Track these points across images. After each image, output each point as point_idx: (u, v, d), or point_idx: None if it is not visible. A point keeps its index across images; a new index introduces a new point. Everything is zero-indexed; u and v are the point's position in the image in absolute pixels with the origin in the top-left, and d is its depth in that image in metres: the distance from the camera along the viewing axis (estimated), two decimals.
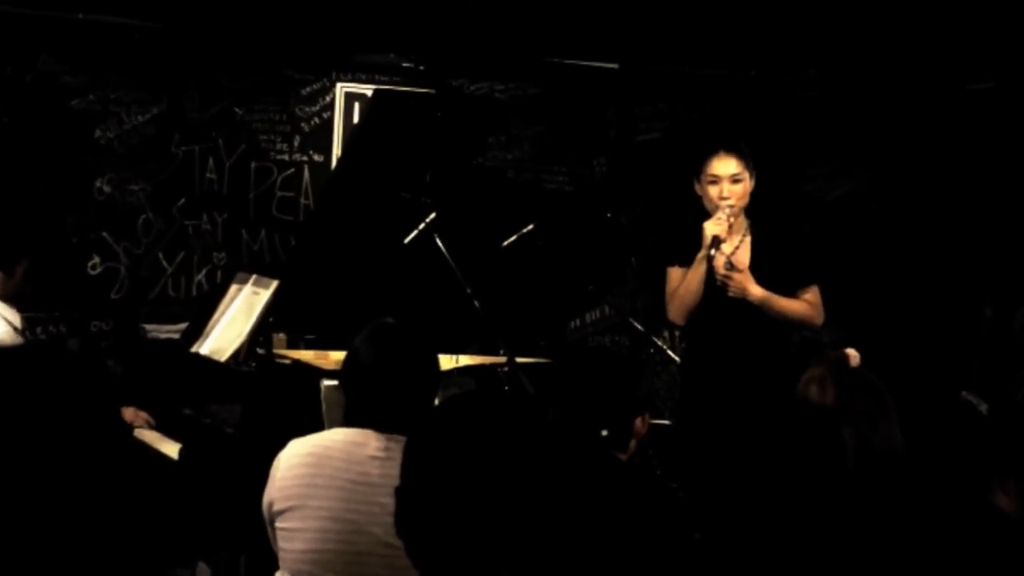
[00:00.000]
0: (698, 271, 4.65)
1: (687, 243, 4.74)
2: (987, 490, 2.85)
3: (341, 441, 3.02)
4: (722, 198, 4.66)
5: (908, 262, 7.27)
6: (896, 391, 3.20)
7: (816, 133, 7.34)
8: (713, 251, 4.60)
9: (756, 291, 4.65)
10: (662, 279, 4.91)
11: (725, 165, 4.68)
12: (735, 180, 4.67)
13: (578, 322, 7.25)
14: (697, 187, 4.78)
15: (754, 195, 4.76)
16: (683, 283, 4.70)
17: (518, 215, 5.54)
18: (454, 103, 6.21)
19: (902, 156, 7.33)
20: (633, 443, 3.20)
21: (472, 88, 7.14)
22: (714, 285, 4.67)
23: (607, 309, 7.18)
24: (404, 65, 6.98)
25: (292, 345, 5.33)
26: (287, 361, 4.99)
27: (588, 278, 6.57)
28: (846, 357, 3.21)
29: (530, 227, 5.43)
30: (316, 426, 4.08)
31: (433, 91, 6.78)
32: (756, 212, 4.80)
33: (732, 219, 4.64)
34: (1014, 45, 6.56)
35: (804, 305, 4.73)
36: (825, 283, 4.81)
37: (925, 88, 7.22)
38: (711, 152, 4.71)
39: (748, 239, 4.76)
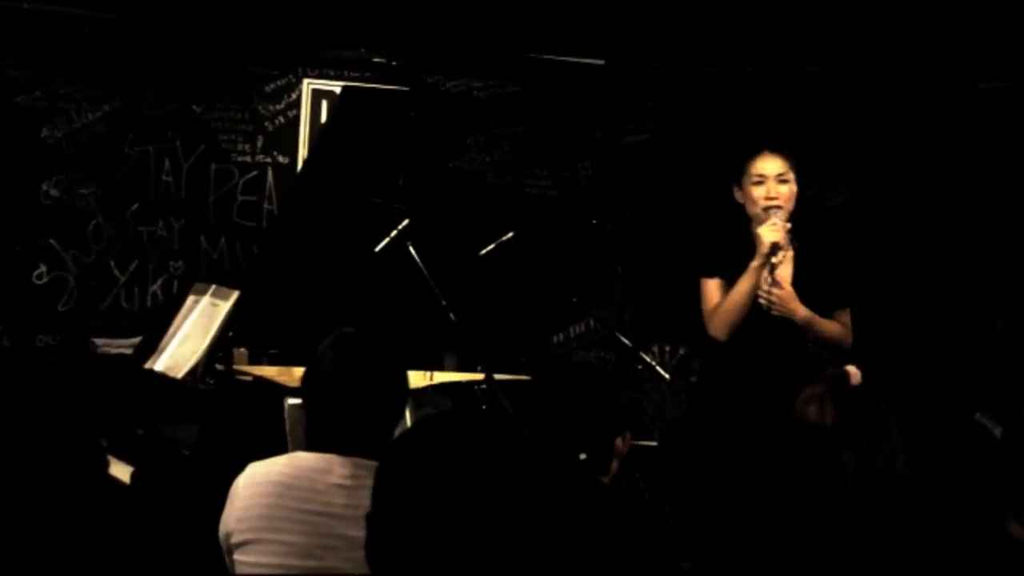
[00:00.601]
0: (750, 282, 4.60)
1: (726, 253, 4.73)
2: (1000, 518, 2.86)
3: (303, 468, 3.01)
4: (768, 198, 4.64)
5: (913, 273, 7.29)
6: (901, 411, 3.21)
7: (816, 135, 7.36)
8: (775, 259, 4.58)
9: (801, 311, 4.63)
10: (651, 290, 4.90)
11: (771, 164, 4.67)
12: (782, 180, 4.66)
13: (561, 336, 7.26)
14: (737, 193, 4.75)
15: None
16: (731, 295, 4.64)
17: (497, 221, 5.54)
18: (429, 101, 6.22)
19: (907, 159, 7.36)
20: (615, 464, 3.21)
21: (448, 85, 7.15)
22: (754, 301, 4.66)
23: (592, 323, 7.19)
24: (376, 60, 6.99)
25: (254, 361, 5.31)
26: (248, 378, 4.97)
27: (572, 289, 6.57)
28: (846, 375, 3.23)
29: (510, 234, 5.44)
30: (279, 447, 4.07)
31: (407, 88, 6.78)
32: (797, 225, 4.77)
33: (787, 224, 4.62)
34: None
35: (841, 328, 4.73)
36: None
37: (933, 87, 7.24)
38: (754, 152, 4.71)
39: (791, 253, 4.75)
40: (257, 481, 3.01)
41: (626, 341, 5.84)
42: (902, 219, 7.38)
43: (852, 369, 3.25)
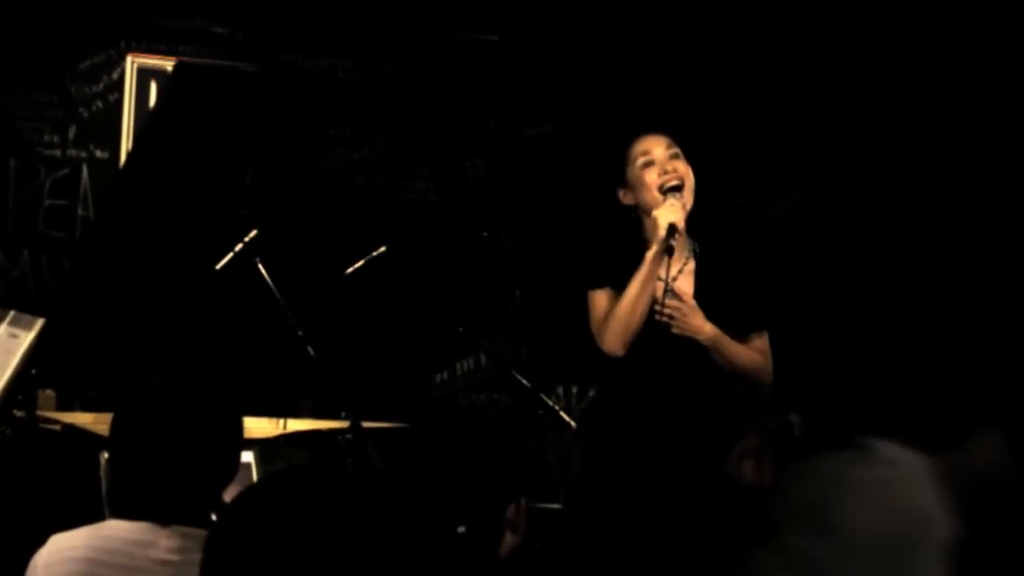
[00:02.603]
0: (646, 273, 4.63)
1: (615, 262, 4.77)
2: None
3: (119, 541, 2.99)
4: (664, 173, 4.70)
5: (872, 298, 7.38)
6: None
7: (754, 127, 7.43)
8: (673, 241, 4.62)
9: (707, 328, 4.67)
10: (554, 319, 4.92)
11: (655, 140, 4.76)
12: (674, 156, 4.75)
13: (446, 375, 7.27)
14: (623, 194, 4.82)
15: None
16: (625, 295, 4.66)
17: (367, 233, 5.55)
18: (283, 84, 6.21)
19: (864, 160, 7.45)
20: (510, 537, 3.22)
21: (307, 64, 7.14)
22: (650, 318, 4.69)
23: (483, 358, 7.21)
24: (217, 32, 6.96)
25: (64, 406, 5.27)
26: (56, 427, 4.94)
27: (458, 317, 6.58)
28: (790, 425, 3.26)
29: (382, 249, 5.45)
30: (94, 512, 4.04)
31: (255, 67, 6.77)
32: (698, 232, 4.83)
33: (687, 205, 4.68)
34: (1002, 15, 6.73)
35: (756, 355, 4.78)
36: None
37: (895, 69, 7.34)
38: (631, 138, 4.78)
39: (692, 265, 4.80)
40: (63, 558, 2.99)
41: (524, 381, 5.86)
42: (859, 233, 7.46)
43: (797, 419, 3.28)
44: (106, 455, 4.40)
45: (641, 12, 7.11)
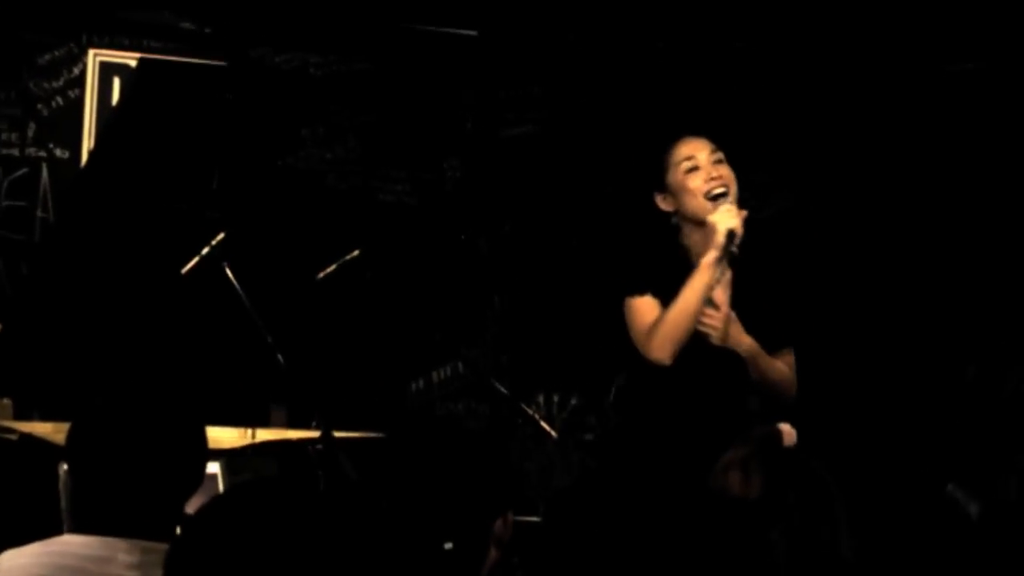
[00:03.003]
0: (703, 280, 4.63)
1: (654, 269, 4.77)
2: None
3: (76, 556, 2.98)
4: (711, 179, 4.70)
5: (866, 306, 7.38)
6: (847, 480, 3.25)
7: (743, 127, 7.42)
8: (735, 249, 4.62)
9: (747, 340, 4.69)
10: (535, 326, 4.91)
11: (698, 144, 4.75)
12: (718, 161, 4.75)
13: (422, 383, 7.26)
14: (661, 200, 4.81)
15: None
16: (679, 301, 4.63)
17: (340, 236, 5.54)
18: (252, 80, 6.20)
19: (858, 161, 7.45)
20: (494, 553, 3.21)
21: (278, 60, 7.13)
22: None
23: (461, 366, 7.20)
24: (183, 26, 6.95)
25: (21, 415, 5.25)
26: (13, 436, 4.93)
27: (435, 323, 6.58)
28: (778, 435, 3.27)
29: (356, 253, 5.45)
30: (53, 526, 4.03)
31: (223, 63, 6.76)
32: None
33: (744, 212, 4.67)
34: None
35: (787, 369, 4.80)
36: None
37: (890, 67, 7.35)
38: (671, 141, 4.78)
39: (729, 274, 4.80)
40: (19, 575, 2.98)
41: (503, 389, 5.86)
42: (853, 237, 7.46)
43: (785, 428, 3.28)
44: (65, 467, 4.40)
45: (627, 8, 7.11)
